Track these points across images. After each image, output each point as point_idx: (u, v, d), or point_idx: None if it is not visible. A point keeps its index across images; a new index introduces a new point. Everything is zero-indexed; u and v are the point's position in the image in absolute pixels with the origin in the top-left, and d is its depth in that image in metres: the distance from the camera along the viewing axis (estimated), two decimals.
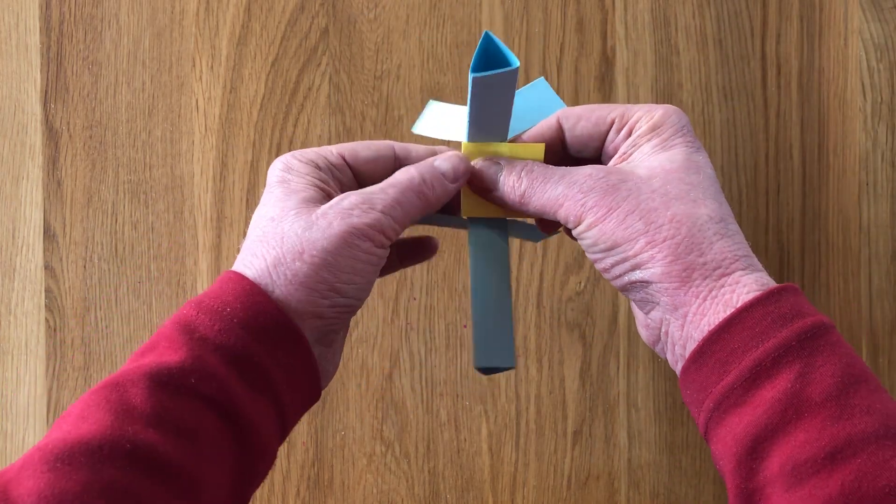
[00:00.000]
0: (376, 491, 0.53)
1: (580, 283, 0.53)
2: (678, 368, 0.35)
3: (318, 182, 0.36)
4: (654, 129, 0.37)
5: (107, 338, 0.53)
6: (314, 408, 0.53)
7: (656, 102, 0.53)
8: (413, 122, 0.53)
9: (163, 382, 0.31)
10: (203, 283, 0.53)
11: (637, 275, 0.35)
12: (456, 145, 0.40)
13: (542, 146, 0.38)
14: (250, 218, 0.54)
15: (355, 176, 0.38)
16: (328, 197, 0.36)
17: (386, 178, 0.37)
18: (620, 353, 0.53)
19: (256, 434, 0.33)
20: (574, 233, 0.36)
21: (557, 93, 0.53)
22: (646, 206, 0.34)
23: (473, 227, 0.39)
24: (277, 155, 0.53)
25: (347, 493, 0.53)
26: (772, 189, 0.53)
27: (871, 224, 0.53)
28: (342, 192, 0.37)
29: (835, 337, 0.32)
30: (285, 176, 0.37)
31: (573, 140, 0.39)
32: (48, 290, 0.53)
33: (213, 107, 0.53)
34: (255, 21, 0.53)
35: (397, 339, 0.53)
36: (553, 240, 0.53)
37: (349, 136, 0.53)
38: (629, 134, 0.37)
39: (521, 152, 0.38)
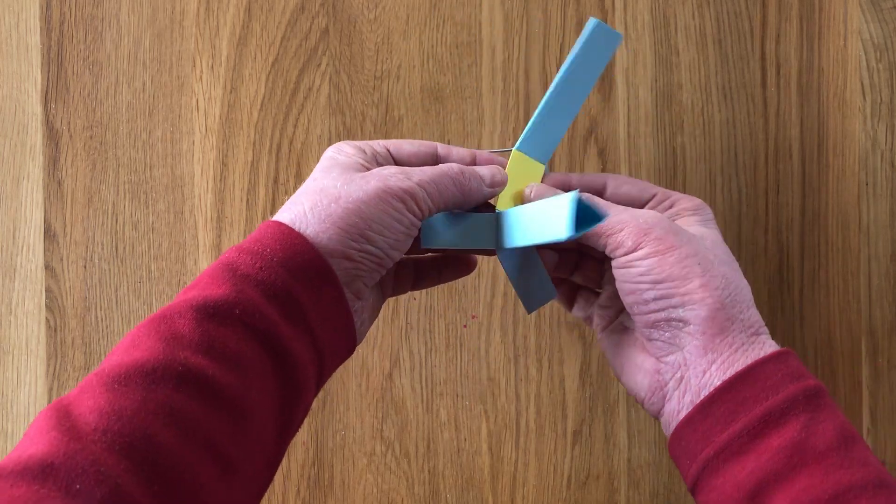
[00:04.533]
0: (376, 490, 0.53)
1: None
2: (678, 419, 0.37)
3: (362, 161, 0.39)
4: (696, 210, 0.41)
5: (107, 338, 0.53)
6: (314, 407, 0.53)
7: (656, 102, 0.53)
8: (412, 122, 0.53)
9: (209, 314, 0.33)
10: None
11: (679, 312, 0.37)
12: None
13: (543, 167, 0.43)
14: (250, 218, 0.54)
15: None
16: None
17: None
18: None
19: (296, 366, 0.34)
20: (622, 259, 0.38)
21: None
22: (704, 256, 0.38)
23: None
24: (277, 155, 0.53)
25: (347, 492, 0.53)
26: (772, 189, 0.53)
27: (871, 224, 0.53)
28: None
29: (829, 399, 0.35)
30: (334, 155, 0.40)
31: (616, 196, 0.42)
32: (49, 290, 0.54)
33: (213, 107, 0.54)
34: (256, 21, 0.53)
35: (397, 339, 0.53)
36: None
37: (349, 136, 0.53)
38: (671, 206, 0.42)
39: (534, 172, 0.43)
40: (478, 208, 0.42)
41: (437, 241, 0.41)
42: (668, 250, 0.37)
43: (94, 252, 0.54)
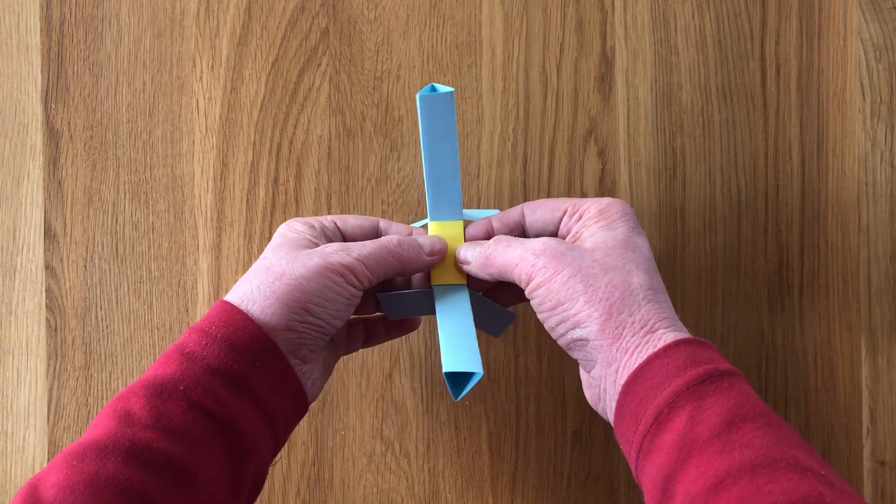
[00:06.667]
0: (376, 490, 0.53)
1: None
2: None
3: (310, 237, 0.43)
4: (602, 213, 0.42)
5: (107, 337, 0.54)
6: (314, 407, 0.53)
7: (656, 103, 0.53)
8: (412, 122, 0.53)
9: (157, 391, 0.37)
10: (203, 283, 0.54)
11: (577, 332, 0.39)
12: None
13: (461, 223, 0.46)
14: (250, 218, 0.54)
15: (344, 239, 0.45)
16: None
17: None
18: None
19: (241, 431, 0.38)
20: (526, 292, 0.41)
21: (557, 94, 0.53)
22: (587, 272, 0.39)
23: (439, 290, 0.46)
24: (277, 155, 0.53)
25: (347, 492, 0.53)
26: (771, 189, 0.53)
27: (871, 224, 0.53)
28: None
29: (727, 382, 0.36)
30: (285, 232, 0.44)
31: (533, 223, 0.45)
32: (49, 290, 0.54)
33: (213, 107, 0.54)
34: (256, 21, 0.53)
35: (397, 340, 0.53)
36: None
37: (349, 136, 0.53)
38: (580, 218, 0.43)
39: (455, 228, 0.46)
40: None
41: (398, 314, 0.47)
42: (553, 276, 0.39)
43: (94, 252, 0.54)
